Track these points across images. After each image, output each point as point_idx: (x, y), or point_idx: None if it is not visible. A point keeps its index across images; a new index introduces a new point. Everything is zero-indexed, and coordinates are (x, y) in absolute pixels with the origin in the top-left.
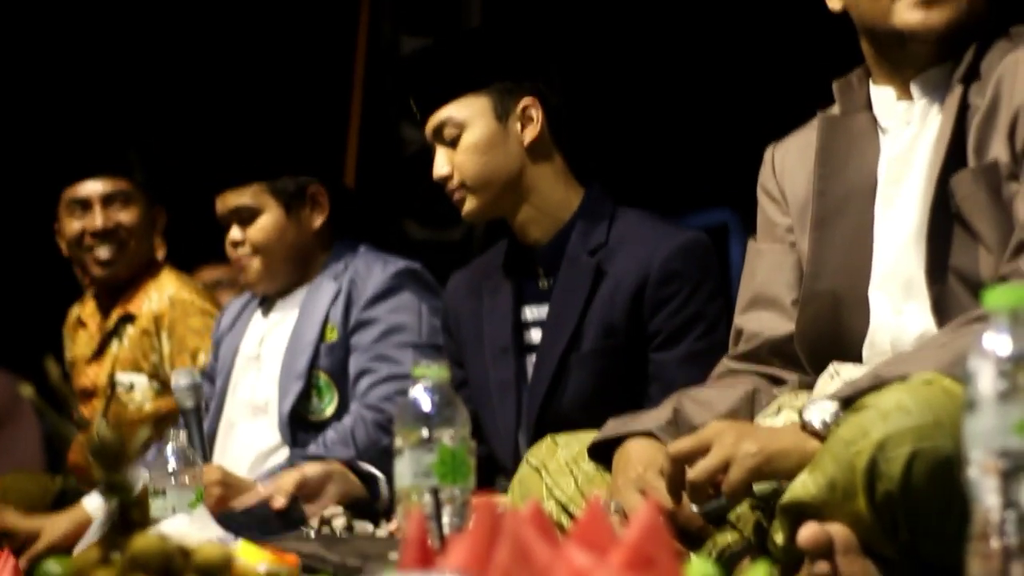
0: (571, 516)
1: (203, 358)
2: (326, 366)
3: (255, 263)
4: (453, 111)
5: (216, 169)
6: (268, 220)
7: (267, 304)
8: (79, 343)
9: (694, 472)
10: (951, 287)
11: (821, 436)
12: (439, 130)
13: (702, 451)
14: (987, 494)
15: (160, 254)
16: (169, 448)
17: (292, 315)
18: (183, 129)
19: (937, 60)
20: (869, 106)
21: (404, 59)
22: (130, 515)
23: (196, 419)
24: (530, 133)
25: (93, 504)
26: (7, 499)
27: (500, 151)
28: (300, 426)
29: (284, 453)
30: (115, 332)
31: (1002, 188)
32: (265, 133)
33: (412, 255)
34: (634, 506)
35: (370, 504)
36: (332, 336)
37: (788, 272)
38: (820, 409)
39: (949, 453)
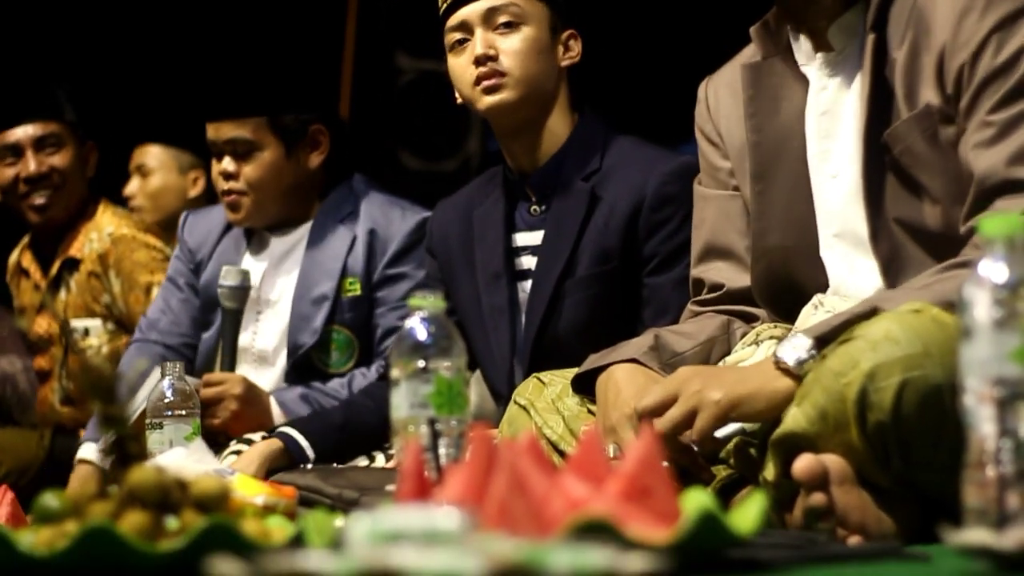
0: (561, 454)
1: (156, 292)
2: (348, 321)
3: (246, 200)
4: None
5: (214, 97)
6: (267, 157)
7: (258, 241)
8: (24, 292)
9: (661, 424)
10: (898, 243)
11: (794, 374)
12: (493, 12)
13: (669, 402)
14: (983, 422)
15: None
16: (166, 381)
17: (294, 258)
18: (114, 64)
19: (849, 4)
20: (789, 48)
21: None
22: (127, 448)
23: (233, 323)
24: (568, 60)
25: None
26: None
27: (547, 61)
28: (313, 377)
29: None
30: (59, 279)
31: (938, 133)
32: (269, 66)
33: (406, 186)
34: (632, 443)
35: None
36: (355, 289)
37: (737, 219)
38: (794, 346)
39: (939, 382)
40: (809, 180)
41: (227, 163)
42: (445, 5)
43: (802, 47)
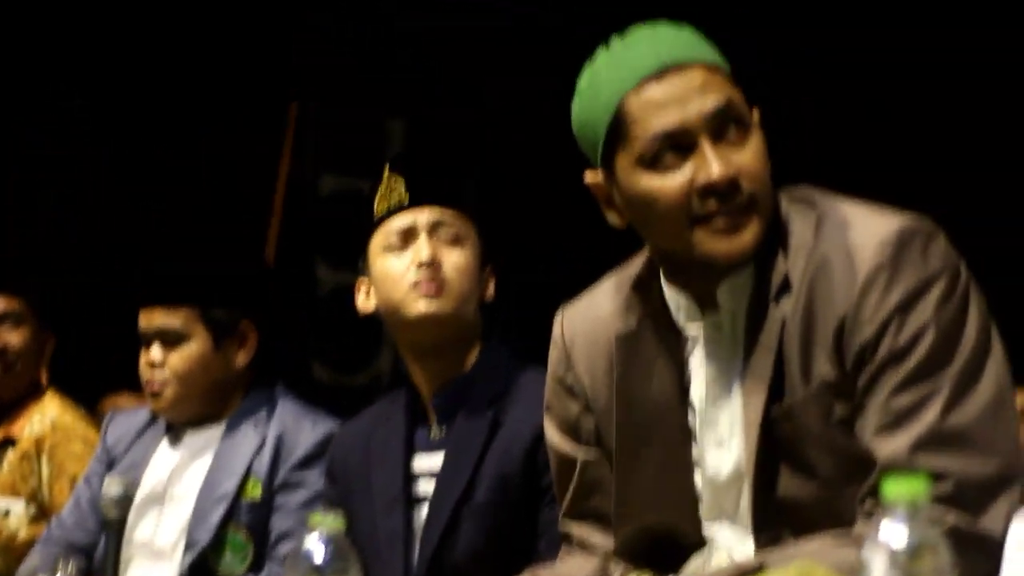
0: None
1: None
2: (246, 522)
3: (169, 391)
4: (461, 219)
5: (147, 285)
6: (194, 349)
7: (174, 435)
8: None
9: None
10: (780, 523)
11: None
12: (439, 225)
13: None
14: None
15: (43, 380)
16: None
17: (206, 456)
18: (83, 251)
19: (741, 267)
20: (664, 307)
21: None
22: None
23: (117, 534)
24: (487, 295)
25: None
26: None
27: (477, 287)
28: None
29: None
30: None
31: (833, 410)
32: (202, 258)
33: (317, 397)
34: None
35: None
36: (255, 492)
37: (605, 484)
38: None
39: None
40: (689, 454)
41: (155, 351)
42: (386, 207)
43: (682, 305)
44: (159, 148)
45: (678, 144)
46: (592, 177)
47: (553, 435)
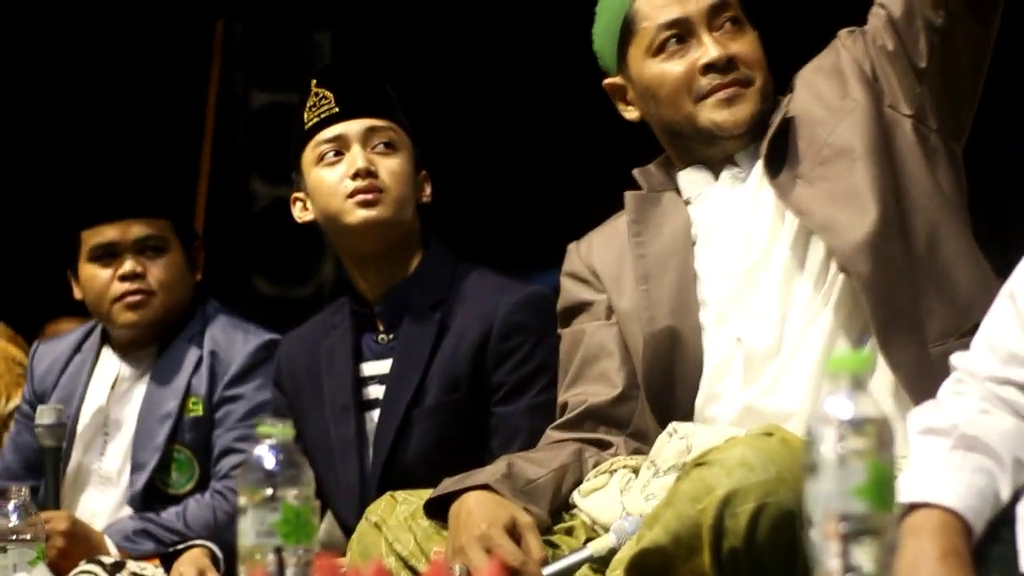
0: (412, 571)
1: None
2: (189, 440)
3: (157, 301)
4: (392, 127)
5: (122, 196)
6: (175, 259)
7: (107, 360)
8: None
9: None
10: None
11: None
12: (372, 132)
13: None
14: (829, 557)
15: None
16: (11, 505)
17: (144, 379)
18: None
19: (744, 146)
20: (673, 186)
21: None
22: None
23: (55, 460)
24: (424, 198)
25: None
26: None
27: (413, 192)
28: (154, 497)
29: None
30: None
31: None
32: (170, 174)
33: (260, 311)
34: (480, 565)
35: None
36: (197, 410)
37: (611, 343)
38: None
39: (792, 507)
40: (695, 279)
41: (131, 263)
42: (316, 119)
43: (692, 177)
44: (87, 69)
45: (680, 34)
46: (610, 81)
47: (564, 321)
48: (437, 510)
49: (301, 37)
